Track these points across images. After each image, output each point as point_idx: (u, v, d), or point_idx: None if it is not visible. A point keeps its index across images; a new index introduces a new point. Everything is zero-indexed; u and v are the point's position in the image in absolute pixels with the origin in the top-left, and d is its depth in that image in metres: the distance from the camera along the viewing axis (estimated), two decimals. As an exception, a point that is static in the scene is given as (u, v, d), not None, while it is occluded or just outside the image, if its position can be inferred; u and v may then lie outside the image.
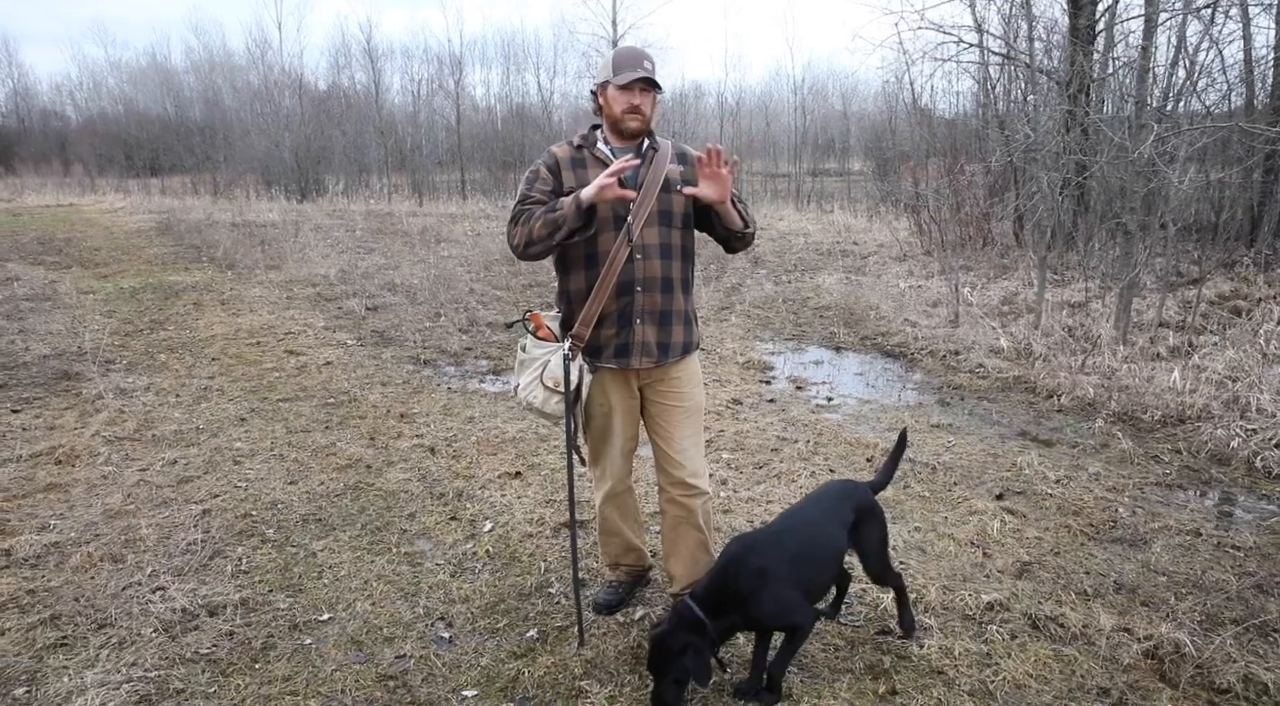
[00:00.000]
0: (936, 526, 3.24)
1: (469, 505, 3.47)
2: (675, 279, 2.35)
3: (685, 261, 2.40)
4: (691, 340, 2.43)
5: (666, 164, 2.30)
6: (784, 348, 6.51)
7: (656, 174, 2.28)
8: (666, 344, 2.36)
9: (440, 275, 9.48)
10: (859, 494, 2.40)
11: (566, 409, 2.32)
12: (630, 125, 2.27)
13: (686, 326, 2.41)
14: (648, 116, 2.29)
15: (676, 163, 2.33)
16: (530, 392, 2.35)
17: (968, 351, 6.01)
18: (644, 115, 2.27)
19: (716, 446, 4.15)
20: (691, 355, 2.45)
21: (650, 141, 2.34)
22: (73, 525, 3.29)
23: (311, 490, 3.63)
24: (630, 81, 2.21)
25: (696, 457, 2.44)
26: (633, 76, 2.21)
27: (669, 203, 2.31)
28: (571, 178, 2.31)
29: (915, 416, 4.69)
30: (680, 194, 2.29)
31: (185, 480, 3.77)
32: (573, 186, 2.27)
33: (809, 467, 3.86)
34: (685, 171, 2.33)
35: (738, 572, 2.10)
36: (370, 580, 2.86)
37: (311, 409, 4.82)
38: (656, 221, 2.29)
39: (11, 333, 6.76)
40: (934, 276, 9.40)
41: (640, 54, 2.26)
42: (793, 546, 2.18)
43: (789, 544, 2.18)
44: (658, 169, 2.28)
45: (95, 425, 4.50)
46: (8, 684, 2.29)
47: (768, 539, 2.21)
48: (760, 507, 3.40)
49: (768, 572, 2.10)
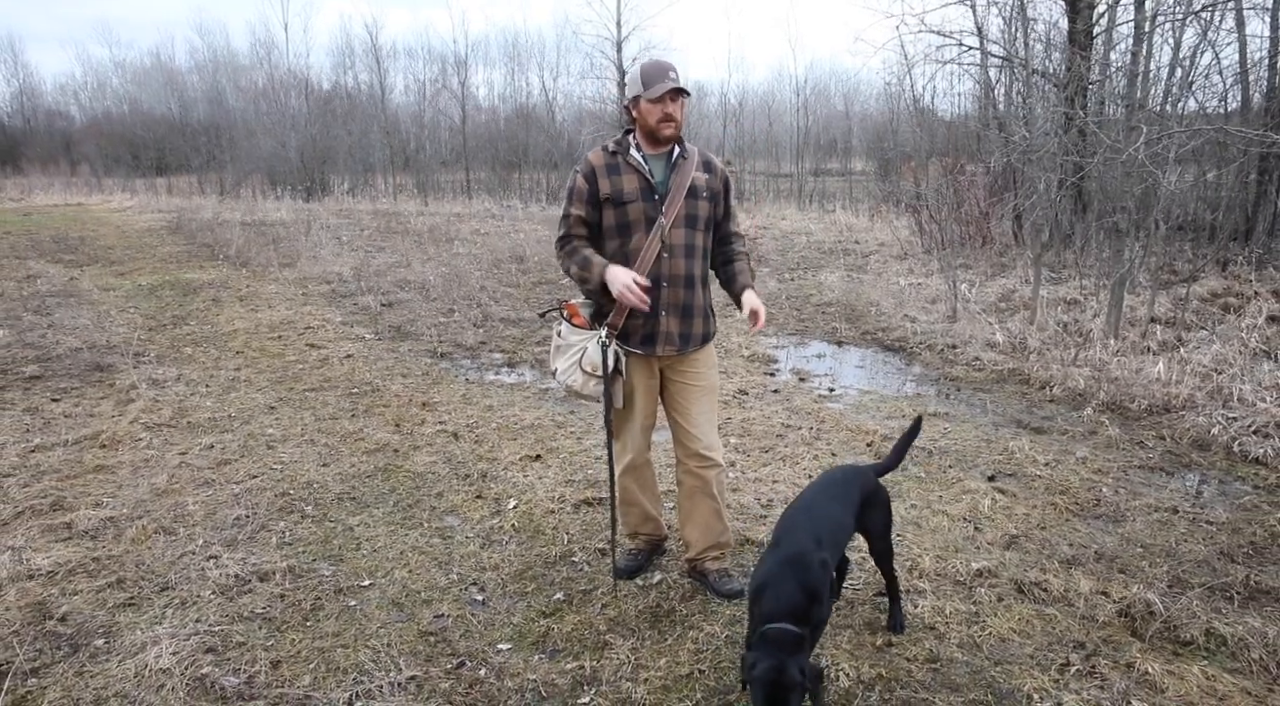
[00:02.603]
0: (931, 504, 3.46)
1: (493, 485, 3.70)
2: (697, 276, 2.60)
3: (705, 260, 2.66)
4: (709, 331, 2.69)
5: (693, 171, 2.54)
6: (788, 342, 6.74)
7: (683, 179, 2.53)
8: (688, 334, 2.61)
9: (452, 272, 9.71)
10: (865, 479, 2.46)
11: (606, 390, 2.59)
12: (665, 133, 2.49)
13: (705, 318, 2.66)
14: (680, 122, 2.50)
15: (703, 171, 2.57)
16: (569, 377, 2.61)
17: (965, 345, 6.24)
18: (677, 121, 2.49)
19: (724, 432, 4.37)
20: (709, 343, 2.69)
21: (681, 149, 2.57)
22: (124, 502, 3.52)
23: (344, 472, 3.86)
24: (662, 93, 2.43)
25: (711, 432, 2.68)
26: (664, 88, 2.43)
27: (695, 207, 2.55)
28: (606, 184, 2.55)
29: (914, 406, 4.91)
30: (704, 200, 2.55)
31: (224, 462, 4.01)
32: (608, 194, 2.54)
33: (812, 451, 4.08)
34: (710, 180, 2.58)
35: (808, 576, 2.05)
36: (405, 551, 3.09)
37: (337, 398, 5.05)
38: (683, 224, 2.54)
39: (41, 327, 7.00)
40: (933, 274, 9.61)
41: (666, 66, 2.48)
42: (822, 533, 2.19)
43: (819, 531, 2.18)
44: (684, 175, 2.53)
45: (133, 413, 4.73)
46: (88, 636, 2.52)
47: (801, 534, 2.17)
48: (766, 487, 3.63)
49: (827, 564, 2.12)
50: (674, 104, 2.47)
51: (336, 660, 2.42)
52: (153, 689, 2.28)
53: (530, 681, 2.32)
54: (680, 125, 2.51)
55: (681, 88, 2.46)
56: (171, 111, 32.57)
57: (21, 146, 35.75)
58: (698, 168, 2.55)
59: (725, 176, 2.64)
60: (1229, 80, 9.63)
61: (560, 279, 9.52)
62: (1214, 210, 9.41)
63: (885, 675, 2.31)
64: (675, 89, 2.44)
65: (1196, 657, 2.38)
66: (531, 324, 7.25)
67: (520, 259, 11.00)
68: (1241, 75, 9.61)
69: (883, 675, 2.32)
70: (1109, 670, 2.32)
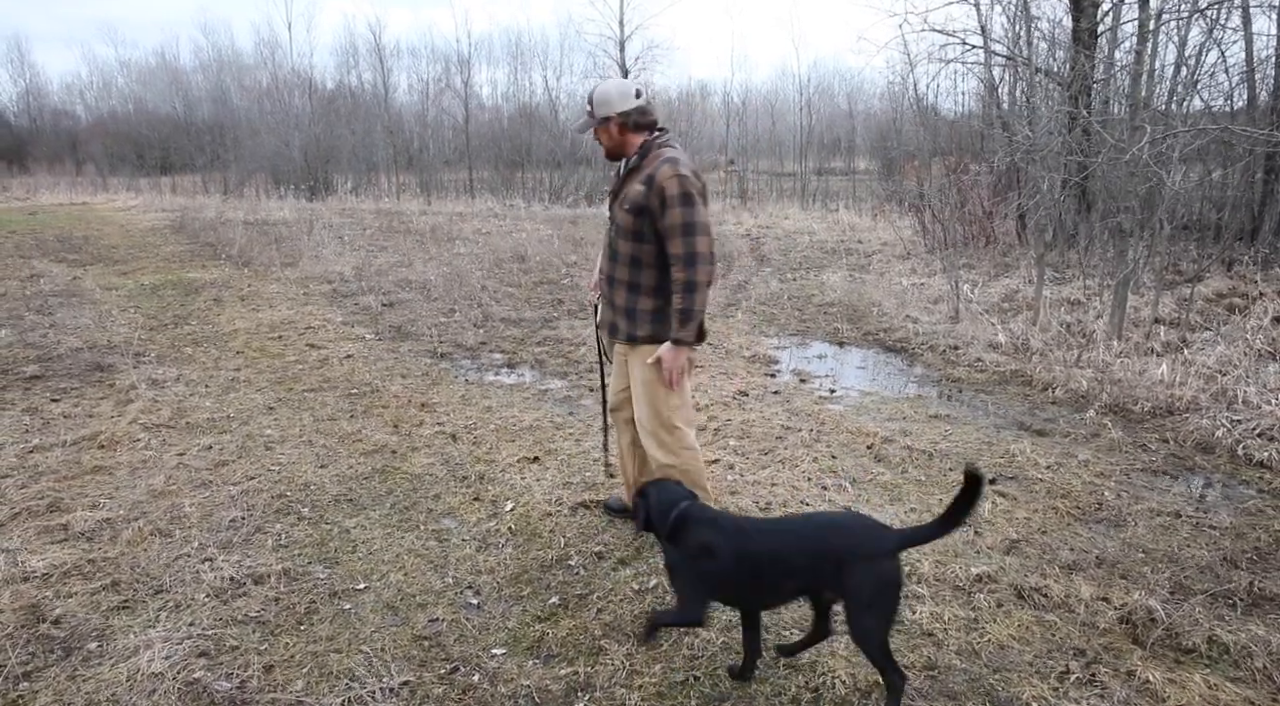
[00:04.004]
0: (931, 508, 3.44)
1: (490, 487, 3.68)
2: (618, 278, 2.86)
3: (633, 267, 2.79)
4: (635, 333, 2.82)
5: (635, 182, 2.70)
6: (789, 342, 6.71)
7: (618, 187, 2.82)
8: (615, 326, 2.92)
9: (453, 272, 9.70)
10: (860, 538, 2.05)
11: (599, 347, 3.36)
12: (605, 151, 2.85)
13: (629, 318, 2.83)
14: (605, 145, 2.80)
15: (644, 183, 2.66)
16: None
17: (967, 346, 6.20)
18: (603, 145, 2.82)
19: (723, 434, 4.35)
20: (642, 345, 2.81)
21: (637, 159, 2.76)
22: (121, 503, 3.51)
23: (341, 473, 3.85)
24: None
25: (651, 431, 2.87)
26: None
27: (619, 216, 2.79)
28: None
29: (914, 407, 4.89)
30: (626, 211, 2.72)
31: (221, 464, 4.00)
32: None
33: (811, 454, 4.06)
34: (643, 193, 2.66)
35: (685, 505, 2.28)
36: (401, 554, 3.08)
37: (336, 399, 5.04)
38: (612, 228, 2.85)
39: (43, 327, 7.01)
40: (936, 274, 9.57)
41: (586, 98, 2.79)
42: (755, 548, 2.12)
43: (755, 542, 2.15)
44: (624, 183, 2.79)
45: (132, 413, 4.73)
46: (81, 639, 2.51)
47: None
48: (765, 490, 3.61)
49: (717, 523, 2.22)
50: (600, 132, 2.77)
51: (330, 665, 2.41)
52: (145, 693, 2.26)
53: (524, 687, 2.31)
54: (608, 147, 2.80)
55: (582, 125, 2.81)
56: (176, 111, 32.65)
57: (28, 146, 35.87)
58: (641, 180, 2.67)
59: (664, 193, 2.59)
60: (1235, 78, 9.58)
61: (560, 279, 9.51)
62: (1219, 210, 9.34)
63: (882, 683, 2.28)
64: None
65: (1198, 666, 2.35)
66: (532, 324, 7.24)
67: (522, 258, 10.99)
68: (1248, 73, 9.55)
69: (879, 682, 2.29)
70: (1109, 678, 2.29)
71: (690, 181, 2.59)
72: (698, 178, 2.66)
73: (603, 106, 2.70)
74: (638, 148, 2.73)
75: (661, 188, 2.59)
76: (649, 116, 2.74)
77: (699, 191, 2.62)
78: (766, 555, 2.11)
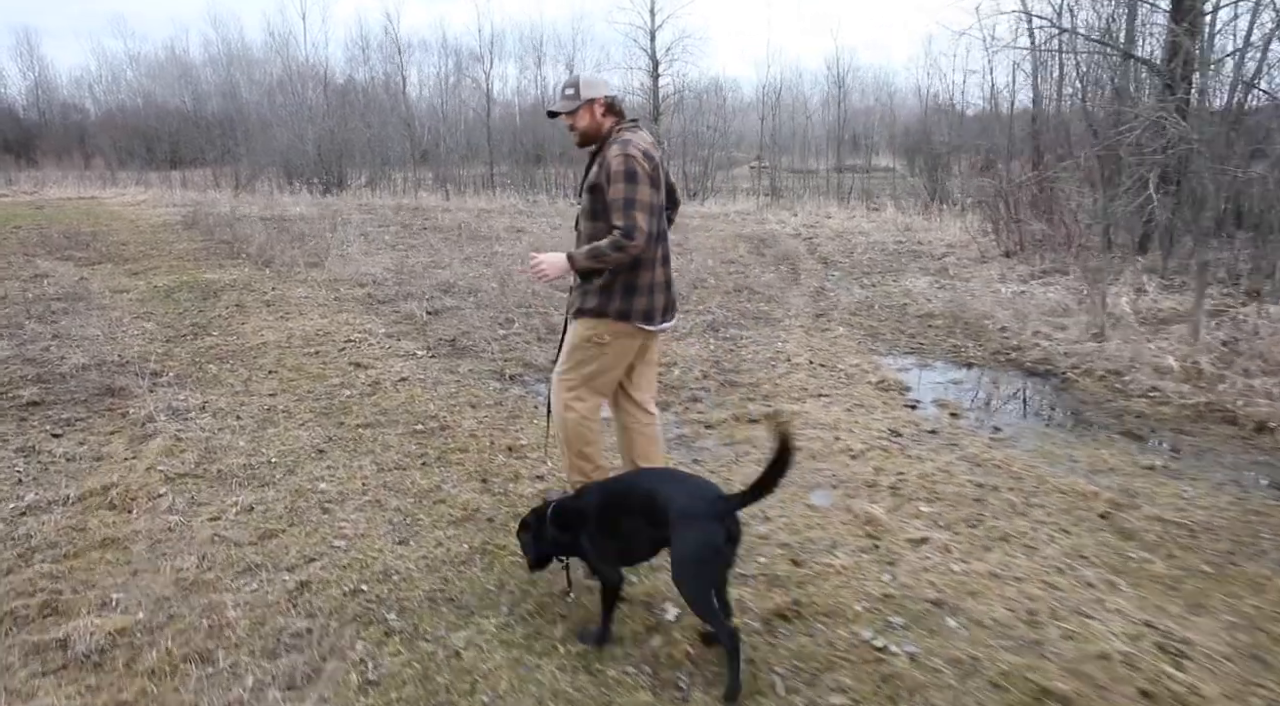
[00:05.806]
0: (1253, 620, 2.49)
1: (640, 576, 2.75)
2: None
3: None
4: (582, 306, 2.91)
5: (595, 166, 2.82)
6: (907, 363, 5.77)
7: (585, 176, 2.90)
8: (571, 305, 2.99)
9: (497, 274, 8.78)
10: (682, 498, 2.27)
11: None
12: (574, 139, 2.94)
13: (581, 294, 2.91)
14: (578, 129, 2.89)
15: (598, 165, 2.79)
16: None
17: (1130, 372, 5.24)
18: (575, 128, 2.90)
19: (907, 495, 3.41)
20: (580, 317, 2.92)
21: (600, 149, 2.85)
22: (139, 599, 2.60)
23: (429, 554, 2.92)
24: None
25: (560, 375, 3.00)
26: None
27: (584, 198, 2.86)
28: None
29: (1116, 455, 3.94)
30: (588, 193, 2.84)
31: (268, 535, 3.08)
32: None
33: (1033, 526, 3.12)
34: (596, 173, 2.79)
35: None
36: (544, 700, 2.15)
37: (399, 438, 4.12)
38: (580, 213, 2.92)
39: (45, 338, 6.11)
40: (1030, 280, 8.64)
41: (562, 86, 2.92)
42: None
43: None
44: (588, 173, 2.87)
45: (149, 456, 3.82)
46: None
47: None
48: (1011, 588, 2.66)
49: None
50: (583, 112, 2.86)
51: None
52: None
53: None
54: (585, 129, 2.88)
55: (551, 110, 2.96)
56: (185, 104, 31.82)
57: (36, 139, 35.21)
58: (599, 162, 2.79)
59: (609, 169, 2.72)
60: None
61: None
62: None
63: None
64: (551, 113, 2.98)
65: None
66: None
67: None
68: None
69: None
70: None
71: (636, 160, 2.69)
72: (648, 159, 2.74)
73: (589, 88, 2.86)
74: (606, 131, 2.86)
75: (609, 164, 2.73)
76: (621, 104, 2.92)
77: (646, 172, 2.71)
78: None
